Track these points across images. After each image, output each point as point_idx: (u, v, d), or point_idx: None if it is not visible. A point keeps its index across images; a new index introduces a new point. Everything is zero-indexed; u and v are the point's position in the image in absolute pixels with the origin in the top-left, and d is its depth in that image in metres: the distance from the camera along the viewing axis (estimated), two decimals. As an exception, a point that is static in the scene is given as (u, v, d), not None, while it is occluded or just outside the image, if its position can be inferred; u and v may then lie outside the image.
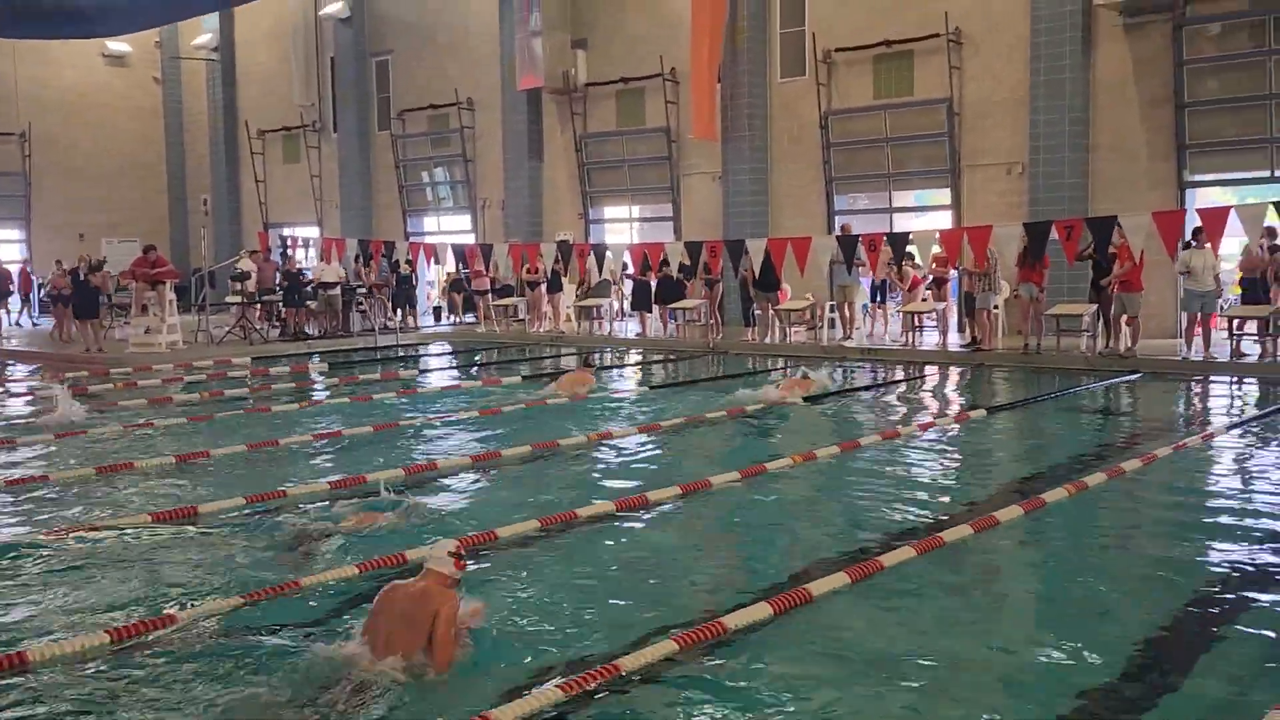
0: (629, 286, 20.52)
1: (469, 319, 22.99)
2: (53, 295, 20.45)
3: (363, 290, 21.24)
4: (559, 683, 3.82)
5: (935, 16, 17.98)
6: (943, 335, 16.51)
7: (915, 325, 16.57)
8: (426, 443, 9.29)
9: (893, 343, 16.66)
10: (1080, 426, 10.36)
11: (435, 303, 25.80)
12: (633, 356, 17.01)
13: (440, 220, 27.55)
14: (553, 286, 20.25)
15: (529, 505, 6.76)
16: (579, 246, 18.78)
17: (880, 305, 17.87)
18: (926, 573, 5.35)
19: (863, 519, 6.54)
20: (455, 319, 23.53)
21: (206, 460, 8.35)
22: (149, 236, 28.24)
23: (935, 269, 16.33)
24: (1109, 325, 14.65)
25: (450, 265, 22.86)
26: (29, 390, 13.59)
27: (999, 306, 15.98)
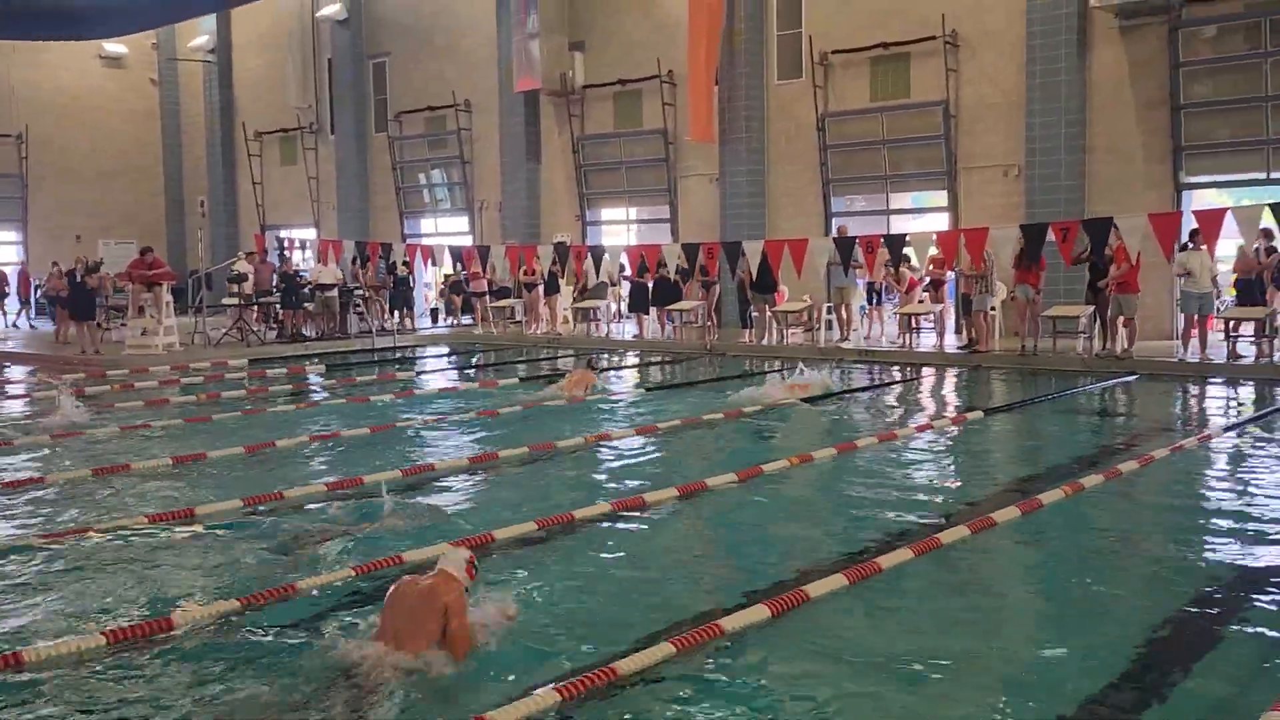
0: (626, 288, 20.53)
1: (466, 320, 22.98)
2: (50, 297, 20.39)
3: (360, 292, 21.22)
4: (556, 685, 3.82)
5: (932, 19, 18.01)
6: (939, 337, 16.53)
7: (912, 327, 16.57)
8: (424, 445, 9.29)
9: (890, 344, 16.67)
10: (1077, 428, 10.37)
11: (432, 304, 25.80)
12: (630, 358, 17.01)
13: (437, 222, 27.55)
14: (550, 288, 20.26)
15: (526, 507, 6.76)
16: (576, 248, 18.79)
17: (877, 307, 17.89)
18: (924, 574, 5.35)
19: (860, 520, 6.54)
20: (453, 321, 23.51)
21: (203, 462, 8.34)
22: (146, 238, 28.27)
23: (932, 271, 16.36)
24: (1106, 327, 14.67)
25: (448, 267, 22.85)
26: (28, 392, 13.58)
27: (996, 308, 16.01)
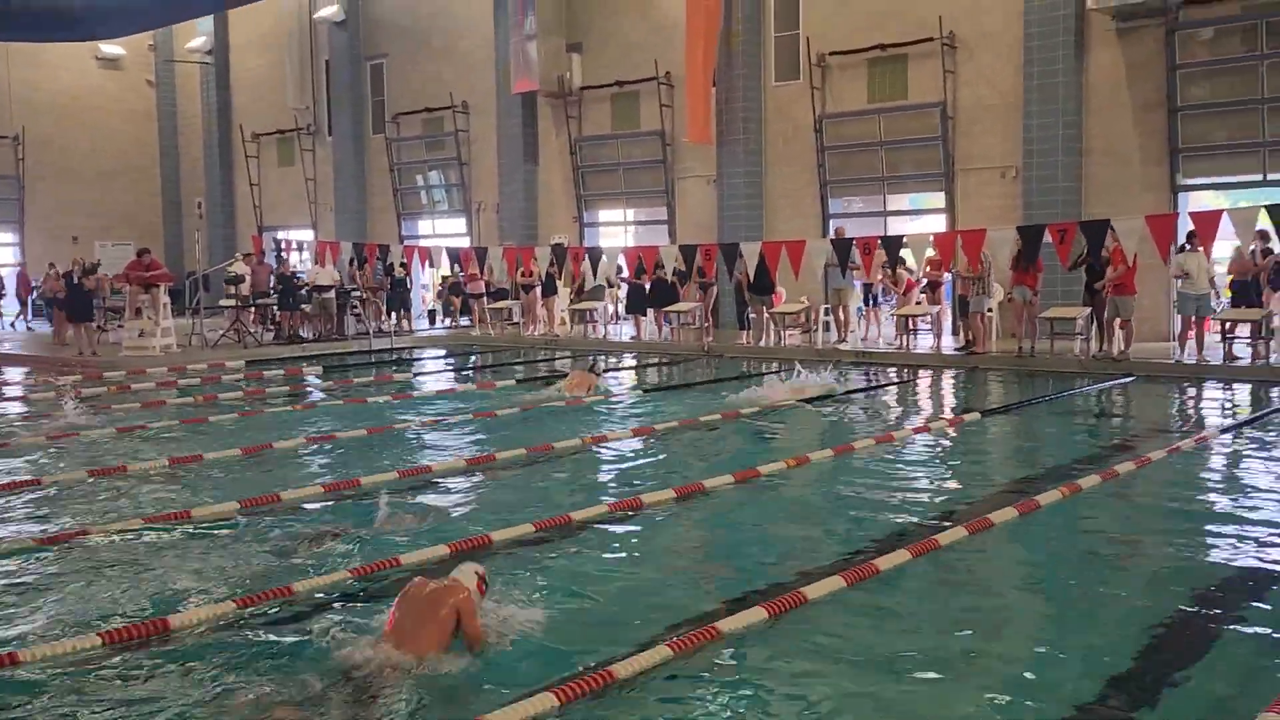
0: (624, 290, 20.53)
1: (464, 322, 22.97)
2: (47, 299, 20.36)
3: (357, 294, 21.22)
4: (554, 687, 3.82)
5: (929, 21, 18.04)
6: (937, 338, 16.55)
7: (909, 328, 16.59)
8: (421, 446, 9.28)
9: (887, 346, 16.69)
10: (1074, 429, 10.38)
11: (430, 306, 25.79)
12: (627, 360, 17.01)
13: (435, 224, 27.55)
14: (547, 290, 20.26)
15: (524, 508, 6.75)
16: (574, 250, 18.80)
17: (875, 308, 17.90)
18: (922, 575, 5.35)
19: (858, 522, 6.54)
20: (451, 322, 23.51)
21: (200, 464, 8.33)
22: (143, 240, 28.22)
23: (929, 272, 16.37)
24: (1103, 328, 14.69)
25: (445, 268, 22.86)
26: (27, 393, 13.55)
27: (993, 310, 16.03)
